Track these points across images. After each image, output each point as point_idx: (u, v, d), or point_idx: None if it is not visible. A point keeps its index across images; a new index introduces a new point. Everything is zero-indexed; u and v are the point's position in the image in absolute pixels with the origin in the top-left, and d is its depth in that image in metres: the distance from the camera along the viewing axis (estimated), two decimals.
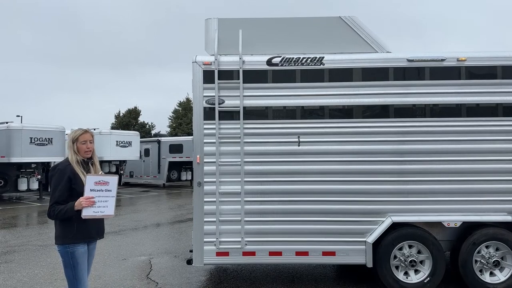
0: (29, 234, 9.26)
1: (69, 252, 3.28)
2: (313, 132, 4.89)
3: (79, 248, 3.31)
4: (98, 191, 3.27)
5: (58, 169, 3.33)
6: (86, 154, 3.43)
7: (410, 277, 4.82)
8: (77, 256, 3.29)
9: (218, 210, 4.82)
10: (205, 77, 4.91)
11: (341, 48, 5.09)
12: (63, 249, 3.29)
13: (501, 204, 4.80)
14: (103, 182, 3.30)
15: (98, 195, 3.26)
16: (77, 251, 3.30)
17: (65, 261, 3.30)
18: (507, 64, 4.86)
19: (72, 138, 3.43)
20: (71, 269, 3.29)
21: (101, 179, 3.31)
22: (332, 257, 4.83)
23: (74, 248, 3.29)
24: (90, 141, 3.46)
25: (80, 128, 3.49)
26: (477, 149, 4.83)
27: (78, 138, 3.40)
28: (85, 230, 3.33)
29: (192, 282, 5.50)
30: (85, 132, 3.44)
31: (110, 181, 3.32)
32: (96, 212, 3.26)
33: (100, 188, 3.28)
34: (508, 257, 4.78)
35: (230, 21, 5.18)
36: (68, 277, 3.32)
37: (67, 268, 3.30)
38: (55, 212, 3.23)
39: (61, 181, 3.26)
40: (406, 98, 4.89)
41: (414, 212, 4.83)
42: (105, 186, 3.30)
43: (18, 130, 15.19)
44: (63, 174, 3.28)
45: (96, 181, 3.27)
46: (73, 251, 3.28)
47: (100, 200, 3.27)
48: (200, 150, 4.88)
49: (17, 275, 6.00)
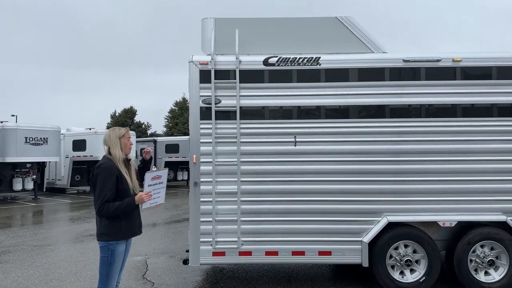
0: (24, 234, 9.20)
1: (111, 249, 3.39)
2: (309, 132, 4.90)
3: (120, 247, 3.44)
4: (154, 185, 3.57)
5: (104, 168, 3.39)
6: (129, 150, 3.62)
7: (405, 276, 4.84)
8: (116, 254, 3.42)
9: (215, 210, 4.82)
10: (201, 76, 4.91)
11: (337, 48, 5.11)
12: (105, 246, 3.39)
13: (496, 204, 4.83)
14: (157, 177, 3.61)
15: (153, 188, 3.57)
16: (118, 249, 3.42)
17: (104, 257, 3.40)
18: (502, 65, 4.90)
19: (118, 135, 3.55)
20: (107, 266, 3.39)
21: (156, 174, 3.60)
22: (328, 256, 4.85)
23: (116, 246, 3.41)
24: (130, 138, 3.68)
25: (118, 127, 3.69)
26: (472, 149, 4.86)
27: (124, 134, 3.59)
28: (132, 227, 3.51)
29: (188, 282, 5.49)
30: (128, 130, 3.66)
31: (162, 175, 3.67)
32: (152, 204, 3.57)
33: (155, 182, 3.59)
34: (503, 257, 4.81)
35: (226, 20, 5.19)
36: (101, 273, 3.42)
37: (104, 264, 3.40)
38: (111, 209, 3.30)
39: (109, 179, 3.35)
40: (402, 98, 4.91)
41: (410, 211, 4.85)
42: (159, 179, 3.62)
43: (13, 129, 15.11)
44: (111, 173, 3.38)
45: (153, 177, 3.56)
46: (114, 248, 3.40)
47: (155, 192, 3.59)
48: (196, 150, 4.88)
49: (11, 275, 5.96)
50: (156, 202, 3.62)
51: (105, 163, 3.43)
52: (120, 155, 3.50)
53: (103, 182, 3.33)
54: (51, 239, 8.63)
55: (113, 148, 3.50)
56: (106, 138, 3.56)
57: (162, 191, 3.67)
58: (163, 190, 3.69)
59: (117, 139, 3.53)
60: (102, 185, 3.33)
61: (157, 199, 3.63)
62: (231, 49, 4.98)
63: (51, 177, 19.27)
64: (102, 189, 3.32)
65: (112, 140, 3.52)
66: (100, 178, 3.35)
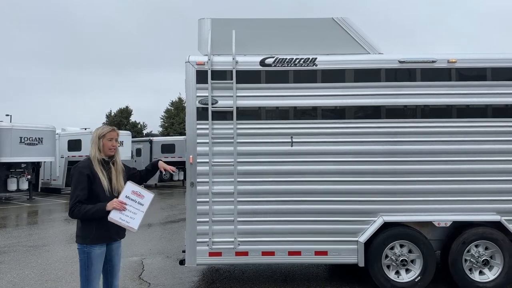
0: (18, 235, 9.15)
1: (86, 252, 3.28)
2: (306, 132, 4.92)
3: (96, 250, 3.30)
4: (131, 200, 3.29)
5: (78, 167, 3.31)
6: (110, 151, 3.44)
7: (401, 276, 4.87)
8: (93, 257, 3.28)
9: (211, 210, 4.82)
10: (198, 77, 4.91)
11: (333, 49, 5.13)
12: (81, 249, 3.30)
13: (490, 204, 4.87)
14: (139, 194, 3.33)
15: (130, 204, 3.28)
16: (93, 252, 3.28)
17: (81, 260, 3.30)
18: (497, 66, 4.94)
19: (98, 134, 3.41)
20: (85, 269, 3.30)
21: (139, 190, 3.34)
22: (325, 256, 4.86)
23: (91, 249, 3.28)
24: (116, 140, 3.49)
25: (106, 125, 3.55)
26: (467, 149, 4.90)
27: (105, 134, 3.41)
28: (104, 232, 3.33)
29: (184, 283, 5.49)
30: (113, 130, 3.48)
31: (146, 196, 3.35)
32: (122, 220, 3.24)
33: (134, 198, 3.31)
34: (497, 256, 4.85)
35: (223, 21, 5.19)
36: (81, 276, 3.33)
37: (82, 268, 3.31)
38: (82, 211, 3.19)
39: (82, 179, 3.24)
40: (397, 99, 4.94)
41: (405, 212, 4.88)
42: (140, 198, 3.32)
43: (8, 129, 15.00)
44: (83, 173, 3.27)
45: (134, 191, 3.32)
46: (89, 251, 3.28)
47: (130, 210, 3.27)
48: (193, 150, 4.88)
49: (7, 276, 5.93)
50: (128, 222, 3.23)
51: (80, 163, 3.35)
52: (96, 155, 3.36)
53: (75, 182, 3.25)
54: (46, 239, 8.59)
55: (91, 147, 3.41)
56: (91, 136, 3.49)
57: (139, 214, 3.29)
58: (141, 215, 3.30)
59: (97, 138, 3.40)
60: (74, 185, 3.25)
61: (130, 220, 3.24)
62: (228, 50, 4.98)
63: (46, 177, 19.17)
64: (74, 189, 3.24)
65: (92, 139, 3.43)
66: (73, 178, 3.28)
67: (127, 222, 3.25)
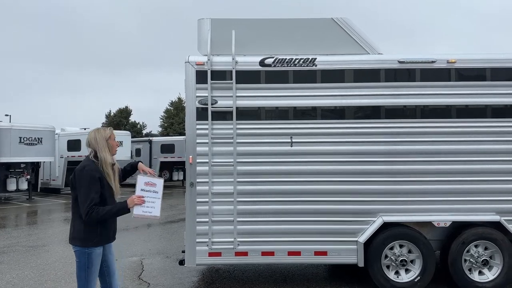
0: (18, 235, 9.14)
1: (87, 253, 3.25)
2: (305, 132, 4.92)
3: (96, 250, 3.28)
4: (147, 192, 3.34)
5: (88, 170, 3.21)
6: (115, 151, 3.46)
7: (401, 276, 4.88)
8: (94, 258, 3.27)
9: (211, 211, 4.82)
10: (198, 77, 4.91)
11: (333, 49, 5.13)
12: (81, 250, 3.25)
13: (490, 204, 4.88)
14: (151, 184, 3.37)
15: (147, 195, 3.33)
16: (95, 252, 3.27)
17: (81, 262, 3.25)
18: (496, 66, 4.94)
19: (105, 136, 3.36)
20: (85, 271, 3.26)
21: (150, 180, 3.38)
22: (324, 257, 4.87)
23: (92, 250, 3.25)
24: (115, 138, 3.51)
25: (104, 127, 3.52)
26: (467, 149, 4.90)
27: (111, 135, 3.41)
28: (107, 233, 3.34)
29: (184, 283, 5.49)
30: (112, 129, 3.48)
31: (157, 183, 3.40)
32: (145, 212, 3.31)
33: (149, 188, 3.35)
34: (497, 256, 4.86)
35: (223, 21, 5.19)
36: (80, 278, 3.28)
37: (81, 269, 3.26)
38: (101, 213, 3.14)
39: (95, 182, 3.20)
40: (397, 99, 4.94)
41: (405, 212, 4.89)
42: (153, 187, 3.38)
43: (7, 129, 14.98)
44: (95, 176, 3.21)
45: (146, 182, 3.35)
46: (90, 252, 3.25)
47: (149, 201, 3.33)
48: (192, 151, 4.88)
49: (6, 276, 5.92)
50: (150, 212, 3.33)
51: (87, 166, 3.26)
52: (108, 159, 3.30)
53: (88, 185, 3.17)
54: (46, 239, 8.58)
55: (101, 151, 3.29)
56: (92, 140, 3.33)
57: (157, 202, 3.36)
58: (159, 201, 3.37)
59: (105, 141, 3.32)
60: (88, 188, 3.16)
61: (152, 210, 3.33)
62: (228, 50, 4.98)
63: (46, 177, 19.16)
64: (88, 192, 3.15)
65: (99, 142, 3.32)
66: (84, 181, 3.18)
67: (150, 213, 3.33)
